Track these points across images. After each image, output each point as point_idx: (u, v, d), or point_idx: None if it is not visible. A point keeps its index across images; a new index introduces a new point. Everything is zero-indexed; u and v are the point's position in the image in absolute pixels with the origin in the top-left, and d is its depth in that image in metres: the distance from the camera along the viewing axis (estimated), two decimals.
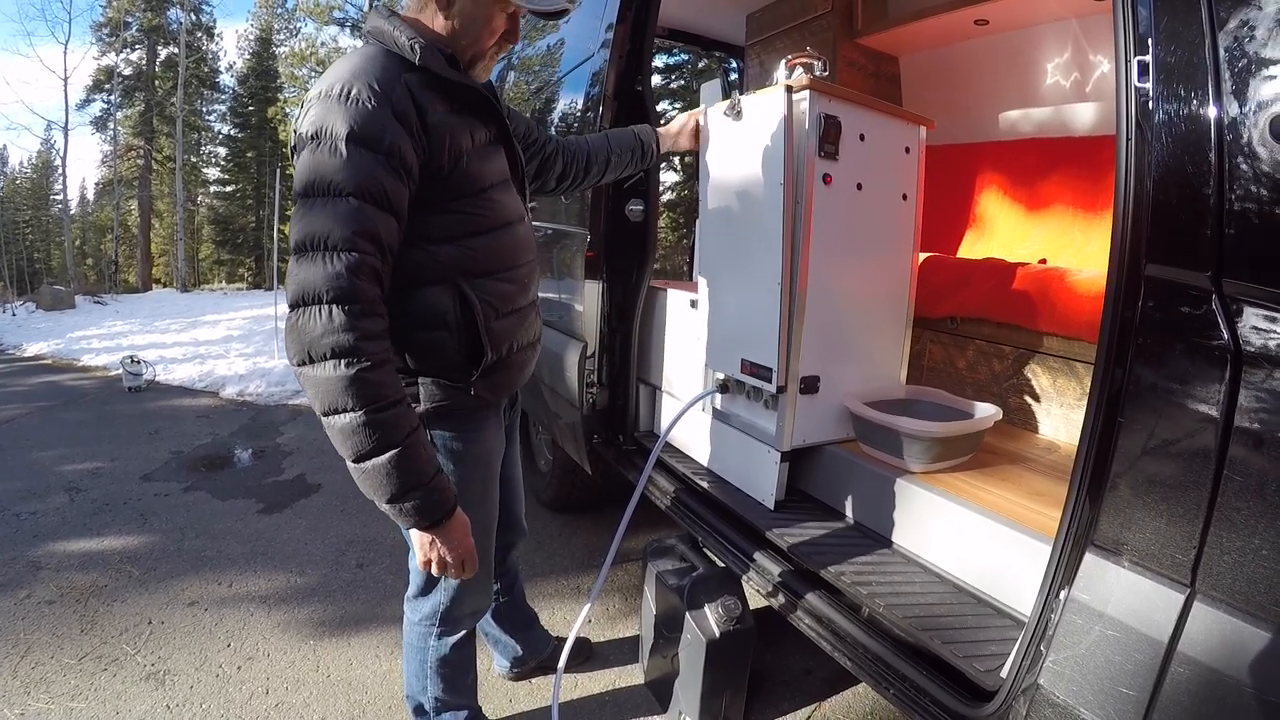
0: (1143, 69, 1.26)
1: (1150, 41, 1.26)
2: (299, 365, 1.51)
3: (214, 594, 3.47)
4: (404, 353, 1.74)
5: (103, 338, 12.92)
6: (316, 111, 1.53)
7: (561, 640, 2.59)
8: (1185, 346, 1.21)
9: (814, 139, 2.26)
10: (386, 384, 1.53)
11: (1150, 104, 1.25)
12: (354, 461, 1.55)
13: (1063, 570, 1.41)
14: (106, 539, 4.11)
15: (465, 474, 1.93)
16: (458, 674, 2.24)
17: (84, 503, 4.69)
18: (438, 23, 1.72)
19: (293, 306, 1.49)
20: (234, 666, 2.89)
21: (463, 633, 2.17)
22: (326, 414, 1.52)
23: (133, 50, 31.77)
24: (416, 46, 1.63)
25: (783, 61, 2.43)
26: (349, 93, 1.53)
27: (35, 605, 3.36)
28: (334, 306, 1.47)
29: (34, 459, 5.71)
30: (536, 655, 2.80)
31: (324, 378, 1.48)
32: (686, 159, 20.21)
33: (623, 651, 3.02)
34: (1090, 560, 1.35)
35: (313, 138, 1.51)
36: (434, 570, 1.76)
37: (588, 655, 2.96)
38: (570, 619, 3.24)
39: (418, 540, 1.72)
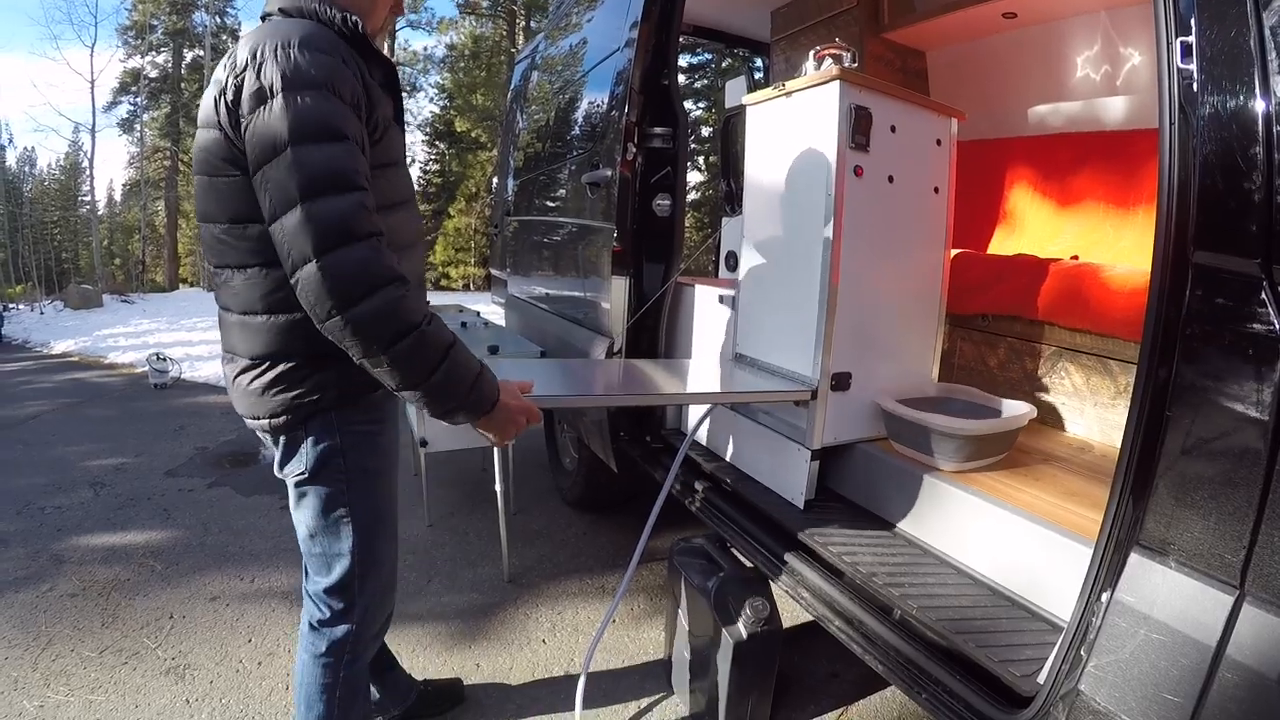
0: (1185, 50, 1.23)
1: (1193, 22, 1.22)
2: (343, 309, 1.46)
3: (236, 589, 3.47)
4: None
5: (129, 336, 12.99)
6: (283, 62, 1.48)
7: (428, 683, 2.58)
8: (1234, 337, 1.17)
9: (845, 130, 2.23)
10: (422, 299, 1.59)
11: (1194, 86, 1.22)
12: (429, 377, 1.57)
13: (1105, 571, 1.37)
14: (130, 534, 4.13)
15: (377, 466, 1.89)
16: (359, 701, 2.08)
17: (108, 498, 4.72)
18: None
19: (320, 251, 1.44)
20: (254, 662, 2.88)
21: (369, 656, 2.07)
22: (390, 346, 1.51)
23: (158, 53, 31.95)
24: (350, 18, 1.65)
25: (811, 53, 2.39)
26: (311, 46, 1.51)
27: (57, 598, 3.38)
28: (364, 241, 1.48)
29: (59, 454, 5.76)
30: (399, 702, 2.47)
31: (378, 312, 1.48)
32: (711, 158, 20.20)
33: (647, 652, 2.99)
34: (1135, 561, 1.31)
35: (287, 86, 1.46)
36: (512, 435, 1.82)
37: (457, 700, 2.66)
38: (595, 618, 3.22)
39: (500, 431, 1.78)
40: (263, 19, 1.71)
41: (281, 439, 1.78)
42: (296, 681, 2.00)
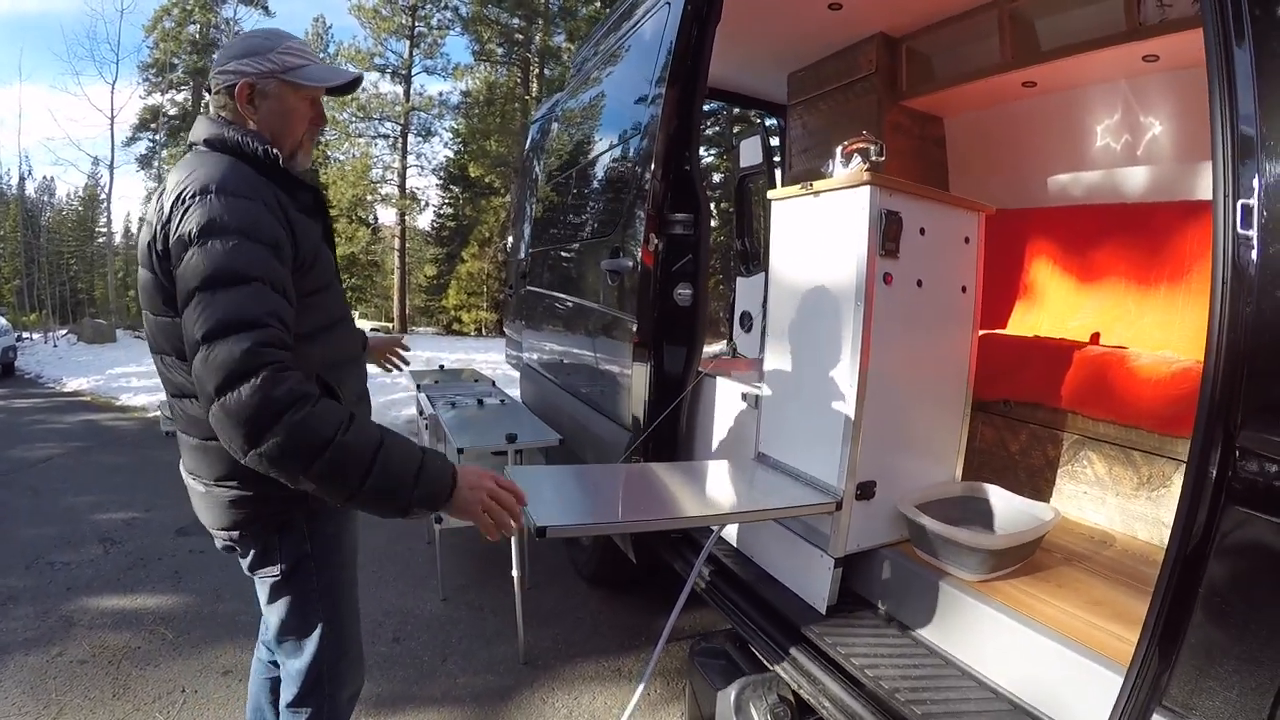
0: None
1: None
2: (253, 445, 1.44)
3: (248, 663, 3.34)
4: None
5: (143, 375, 12.99)
6: (200, 211, 1.53)
7: None
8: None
9: (875, 237, 2.22)
10: (334, 408, 1.52)
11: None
12: (362, 484, 1.51)
13: None
14: (140, 596, 4.12)
15: (342, 562, 1.98)
16: None
17: (119, 555, 4.73)
18: (251, 125, 1.77)
19: (220, 392, 1.44)
20: None
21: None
22: (307, 470, 1.47)
23: (179, 91, 32.26)
24: (270, 152, 1.71)
25: (839, 149, 2.38)
26: (228, 191, 1.57)
27: (68, 664, 3.37)
28: (261, 374, 1.44)
29: (70, 504, 5.82)
30: None
31: (284, 441, 1.44)
32: (723, 204, 20.23)
33: None
34: None
35: (202, 234, 1.52)
36: (493, 524, 1.67)
37: None
38: (612, 704, 3.17)
39: (469, 511, 1.66)
40: (190, 147, 1.80)
41: (254, 547, 1.84)
42: None
